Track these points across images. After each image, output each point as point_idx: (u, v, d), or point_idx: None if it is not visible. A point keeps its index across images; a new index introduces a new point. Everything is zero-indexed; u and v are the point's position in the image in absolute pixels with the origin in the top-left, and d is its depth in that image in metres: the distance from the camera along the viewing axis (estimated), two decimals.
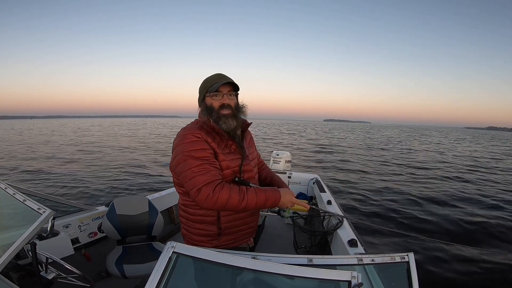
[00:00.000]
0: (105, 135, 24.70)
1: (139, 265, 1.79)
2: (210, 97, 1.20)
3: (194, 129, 1.17)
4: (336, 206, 2.54)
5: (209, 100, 1.21)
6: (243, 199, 1.07)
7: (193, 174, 1.07)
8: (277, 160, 3.77)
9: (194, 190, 1.06)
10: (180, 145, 1.14)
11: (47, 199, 1.88)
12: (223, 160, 1.17)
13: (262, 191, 1.13)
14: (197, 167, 1.08)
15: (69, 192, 6.17)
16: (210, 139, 1.16)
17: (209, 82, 1.21)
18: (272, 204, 1.14)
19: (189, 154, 1.10)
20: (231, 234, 1.23)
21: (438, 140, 30.53)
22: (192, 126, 1.22)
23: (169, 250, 0.68)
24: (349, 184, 7.47)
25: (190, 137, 1.13)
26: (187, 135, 1.15)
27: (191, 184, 1.07)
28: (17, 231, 1.13)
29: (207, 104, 1.21)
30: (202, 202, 1.05)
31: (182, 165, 1.11)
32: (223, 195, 1.05)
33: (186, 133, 1.15)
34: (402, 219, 4.93)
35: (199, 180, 1.05)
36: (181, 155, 1.12)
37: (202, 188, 1.04)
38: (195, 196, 1.06)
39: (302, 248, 2.08)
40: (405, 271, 0.77)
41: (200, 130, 1.16)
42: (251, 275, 0.72)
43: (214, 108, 1.19)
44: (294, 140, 23.16)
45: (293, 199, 1.18)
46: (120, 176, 7.82)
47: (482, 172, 10.24)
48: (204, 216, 1.19)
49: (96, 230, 2.16)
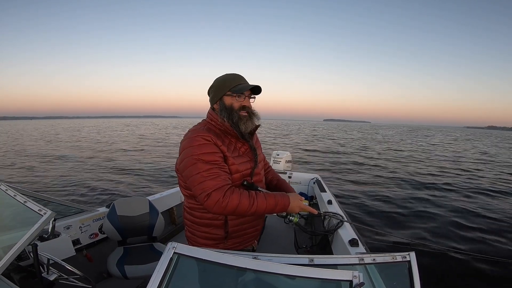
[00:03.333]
0: (105, 135, 24.71)
1: (140, 266, 1.79)
2: (231, 97, 1.16)
3: (203, 131, 1.13)
4: (337, 205, 2.54)
5: (229, 100, 1.16)
6: (253, 204, 1.06)
7: (203, 179, 1.04)
8: (277, 160, 3.77)
9: (203, 195, 1.03)
10: (189, 147, 1.10)
11: (48, 200, 1.88)
12: (233, 163, 1.14)
13: (272, 196, 1.11)
14: (206, 172, 1.05)
15: (69, 193, 6.18)
16: (220, 142, 1.12)
17: (233, 82, 1.16)
18: (281, 209, 1.12)
19: (198, 158, 1.07)
20: (237, 237, 1.22)
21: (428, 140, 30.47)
22: (201, 127, 1.17)
23: (170, 251, 0.68)
24: (349, 183, 7.47)
25: (199, 140, 1.10)
26: (196, 138, 1.10)
27: (200, 188, 1.04)
28: (18, 233, 1.13)
29: (226, 104, 1.16)
30: (212, 207, 1.03)
31: (190, 168, 1.07)
32: (233, 200, 1.03)
33: (195, 135, 1.11)
34: (402, 219, 4.92)
35: (209, 185, 1.03)
36: (189, 158, 1.08)
37: (212, 193, 1.02)
38: (204, 201, 1.03)
39: (303, 248, 2.08)
40: (407, 271, 0.77)
41: (209, 133, 1.13)
42: (252, 276, 0.72)
43: (234, 109, 1.16)
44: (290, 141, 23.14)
45: (302, 205, 1.16)
46: (120, 177, 7.82)
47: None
48: (211, 220, 1.17)
49: (97, 231, 2.16)
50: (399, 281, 0.81)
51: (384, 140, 26.13)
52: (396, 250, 0.80)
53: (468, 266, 3.30)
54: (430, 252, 3.56)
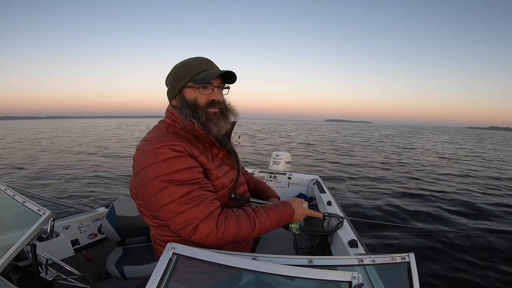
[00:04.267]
0: (105, 135, 24.70)
1: (139, 266, 1.79)
2: (194, 89, 0.87)
3: (171, 139, 0.82)
4: (336, 206, 2.54)
5: (191, 93, 0.88)
6: (255, 226, 0.85)
7: (181, 208, 0.77)
8: (277, 161, 3.77)
9: (187, 229, 0.78)
10: (152, 165, 0.78)
11: (47, 200, 1.88)
12: (217, 177, 0.89)
13: (274, 209, 0.91)
14: (185, 197, 0.78)
15: (69, 193, 6.17)
16: (197, 152, 0.84)
17: (194, 69, 0.87)
18: (286, 222, 0.96)
19: (169, 179, 0.78)
20: (233, 248, 1.04)
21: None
22: (162, 133, 0.86)
23: (169, 251, 0.68)
24: (348, 183, 7.47)
25: (167, 152, 0.79)
26: (160, 149, 0.79)
27: (179, 221, 0.78)
28: (17, 233, 1.13)
29: (188, 99, 0.88)
30: (203, 241, 0.80)
31: (158, 195, 0.78)
32: (231, 227, 0.81)
33: (158, 146, 0.80)
34: (403, 219, 4.92)
35: (193, 215, 0.78)
36: (155, 181, 0.78)
37: (200, 225, 0.78)
38: (190, 236, 0.79)
39: (302, 249, 2.08)
40: (406, 272, 0.77)
41: (180, 140, 0.83)
42: (251, 276, 0.71)
43: (199, 105, 0.88)
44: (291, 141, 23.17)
45: (306, 211, 1.02)
46: (120, 177, 7.81)
47: None
48: (199, 246, 0.90)
49: (96, 232, 2.16)
50: (398, 282, 0.81)
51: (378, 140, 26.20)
52: (395, 251, 0.80)
53: (468, 266, 3.30)
54: (430, 252, 3.57)
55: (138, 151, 0.86)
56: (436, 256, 3.52)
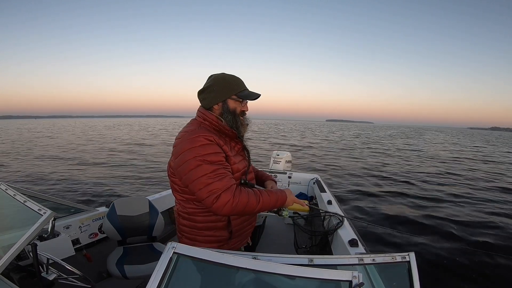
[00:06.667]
0: (105, 135, 24.71)
1: (140, 266, 1.80)
2: (235, 102, 1.18)
3: (205, 132, 1.10)
4: (337, 206, 2.54)
5: (233, 104, 1.18)
6: (259, 201, 1.09)
7: (210, 180, 1.02)
8: (277, 160, 3.77)
9: (211, 198, 1.01)
10: (190, 149, 1.06)
11: (48, 200, 1.88)
12: (234, 163, 1.15)
13: (273, 193, 1.16)
14: (213, 173, 1.03)
15: (69, 193, 6.18)
16: (222, 142, 1.13)
17: (239, 86, 1.18)
18: (281, 204, 1.18)
19: (203, 159, 1.04)
20: (239, 236, 1.25)
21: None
22: (199, 127, 1.14)
23: (170, 251, 0.68)
24: (348, 184, 7.47)
25: (202, 140, 1.07)
26: (197, 138, 1.07)
27: (207, 191, 1.02)
28: (17, 232, 1.13)
29: (230, 108, 1.17)
30: (221, 208, 1.02)
31: (194, 171, 1.04)
32: (243, 199, 1.04)
33: (196, 136, 1.08)
34: (403, 219, 4.92)
35: (217, 186, 1.02)
36: (192, 160, 1.04)
37: (221, 195, 1.01)
38: (213, 203, 1.02)
39: (303, 248, 2.08)
40: (406, 271, 0.77)
41: (210, 133, 1.11)
42: (252, 275, 0.72)
43: (237, 113, 1.19)
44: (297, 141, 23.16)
45: (294, 198, 1.24)
46: (120, 177, 7.82)
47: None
48: (215, 222, 1.17)
49: (97, 231, 2.16)
50: (398, 282, 0.81)
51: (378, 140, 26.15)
52: (395, 251, 0.80)
53: (468, 266, 3.30)
54: (430, 253, 3.57)
55: (180, 139, 1.12)
56: (436, 256, 3.52)
